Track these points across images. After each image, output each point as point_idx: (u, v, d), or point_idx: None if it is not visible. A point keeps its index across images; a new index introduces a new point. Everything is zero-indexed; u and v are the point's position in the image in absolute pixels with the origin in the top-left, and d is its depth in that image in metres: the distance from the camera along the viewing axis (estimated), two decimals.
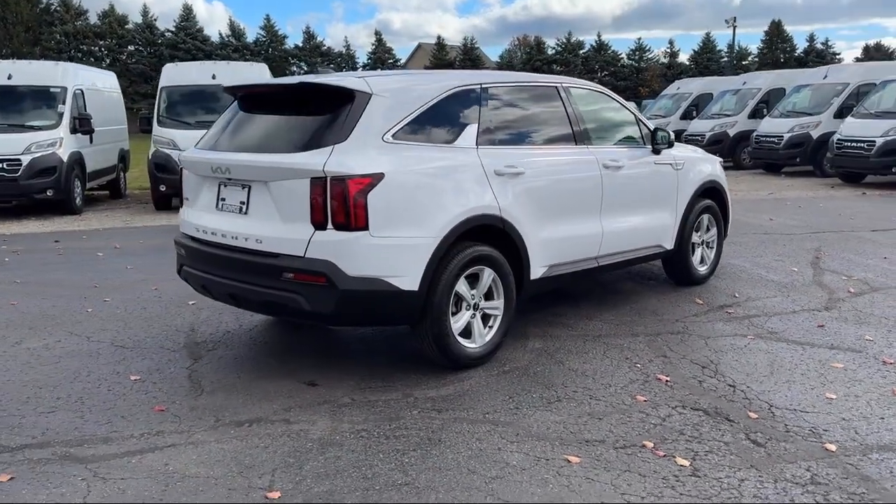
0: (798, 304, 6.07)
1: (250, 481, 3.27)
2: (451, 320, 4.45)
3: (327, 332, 5.52)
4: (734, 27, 51.56)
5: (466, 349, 4.56)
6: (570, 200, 5.25)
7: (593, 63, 59.13)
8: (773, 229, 9.75)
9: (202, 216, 4.69)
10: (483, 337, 4.67)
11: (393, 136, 4.29)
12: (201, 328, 5.60)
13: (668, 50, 61.86)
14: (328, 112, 4.30)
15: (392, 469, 3.37)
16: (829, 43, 60.69)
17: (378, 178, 4.08)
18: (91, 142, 13.23)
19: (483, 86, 4.90)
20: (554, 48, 59.41)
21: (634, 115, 6.07)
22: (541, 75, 5.70)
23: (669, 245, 6.26)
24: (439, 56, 58.46)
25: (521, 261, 4.84)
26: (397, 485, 3.23)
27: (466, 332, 4.59)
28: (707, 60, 58.65)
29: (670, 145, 6.09)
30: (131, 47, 53.56)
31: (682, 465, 3.38)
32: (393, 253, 4.16)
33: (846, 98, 17.33)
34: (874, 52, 60.17)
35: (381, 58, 58.59)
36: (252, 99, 4.89)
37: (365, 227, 4.05)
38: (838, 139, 15.38)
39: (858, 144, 14.90)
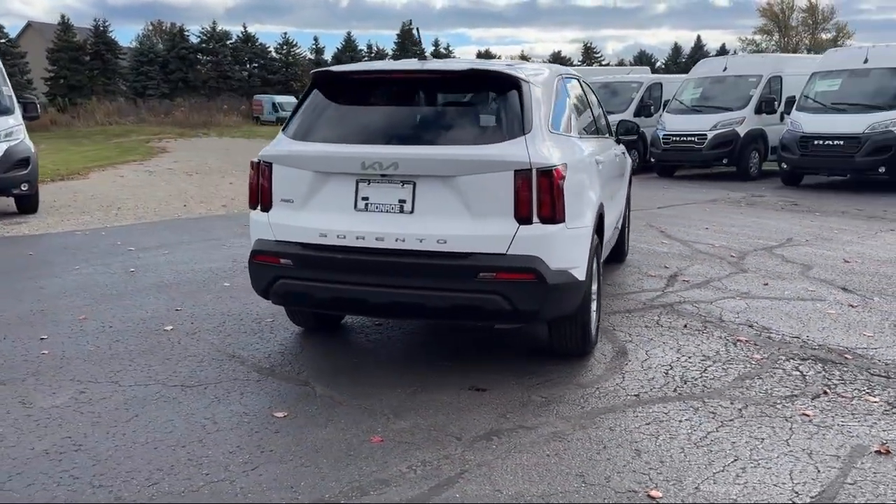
0: (718, 269, 7.17)
1: (613, 486, 3.12)
2: None
3: (377, 336, 5.10)
4: (417, 29, 54.88)
5: (593, 336, 4.68)
6: (612, 188, 5.60)
7: (242, 55, 57.88)
8: None
9: (331, 219, 4.05)
10: (594, 322, 4.82)
11: (551, 126, 4.23)
12: (242, 353, 4.77)
13: (315, 46, 63.27)
14: (497, 101, 4.09)
15: (705, 458, 3.38)
16: (451, 48, 68.29)
17: (565, 168, 4.02)
18: None
19: (562, 75, 4.99)
20: (199, 36, 56.68)
21: (601, 104, 6.60)
22: (560, 66, 5.90)
23: (620, 225, 6.93)
24: (65, 37, 51.71)
25: (601, 247, 5.07)
26: (729, 465, 3.33)
27: None
28: (350, 59, 61.17)
29: (639, 137, 6.74)
30: None
31: (876, 402, 4.03)
32: (575, 244, 4.14)
33: None
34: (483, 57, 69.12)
35: None
36: (379, 84, 4.33)
37: (563, 219, 3.97)
38: None
39: None
